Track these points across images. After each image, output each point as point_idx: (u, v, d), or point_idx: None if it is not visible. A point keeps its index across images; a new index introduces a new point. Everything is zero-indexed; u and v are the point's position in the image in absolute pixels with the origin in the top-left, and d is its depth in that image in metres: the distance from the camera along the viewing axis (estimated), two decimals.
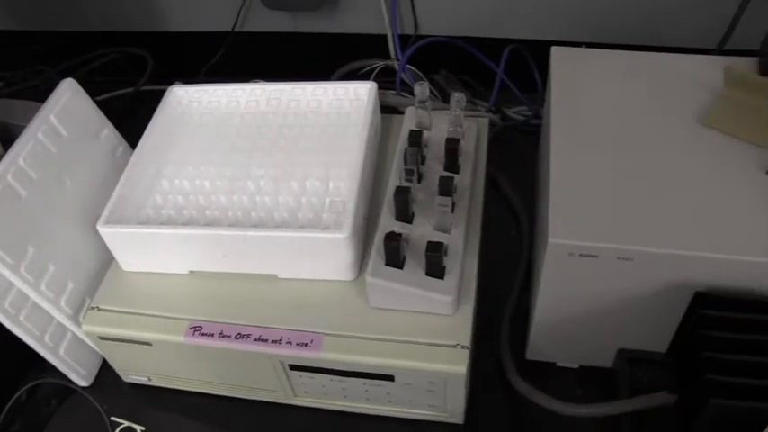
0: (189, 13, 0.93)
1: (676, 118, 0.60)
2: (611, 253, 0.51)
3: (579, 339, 0.61)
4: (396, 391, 0.58)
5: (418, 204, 0.58)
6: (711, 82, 0.63)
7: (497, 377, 0.63)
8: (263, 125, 0.67)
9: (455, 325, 0.55)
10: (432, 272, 0.54)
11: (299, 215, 0.60)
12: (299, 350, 0.56)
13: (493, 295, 0.68)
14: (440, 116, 0.64)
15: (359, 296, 0.57)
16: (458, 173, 0.61)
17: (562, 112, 0.60)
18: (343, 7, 0.87)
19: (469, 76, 0.88)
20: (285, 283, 0.60)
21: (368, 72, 0.88)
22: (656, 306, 0.55)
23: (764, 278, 0.51)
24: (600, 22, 0.82)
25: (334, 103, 0.68)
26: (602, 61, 0.65)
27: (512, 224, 0.76)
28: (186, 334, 0.57)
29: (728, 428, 0.48)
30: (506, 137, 0.84)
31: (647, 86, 0.63)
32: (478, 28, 0.86)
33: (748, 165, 0.56)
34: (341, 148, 0.63)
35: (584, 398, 0.58)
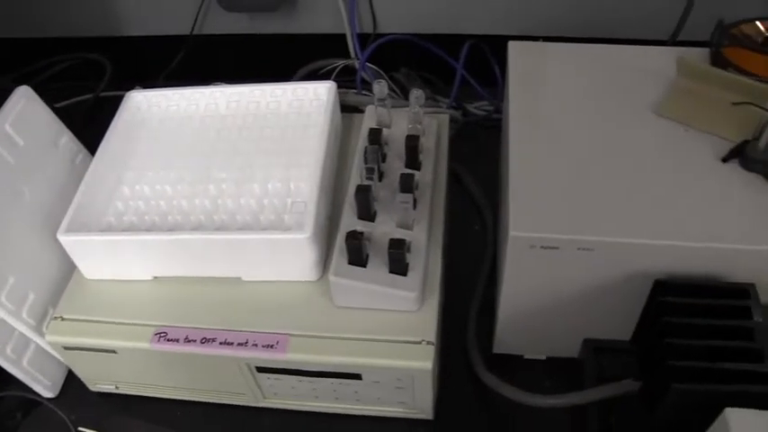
0: (147, 17, 0.92)
1: (632, 109, 0.61)
2: (572, 244, 0.51)
3: (545, 331, 0.61)
4: (364, 389, 0.58)
5: (380, 202, 0.58)
6: (665, 73, 0.63)
7: (466, 372, 0.64)
8: (223, 128, 0.67)
9: (420, 321, 0.55)
10: (395, 269, 0.54)
11: (262, 217, 0.59)
12: (264, 352, 0.55)
13: (460, 290, 0.69)
14: (400, 113, 0.64)
15: (323, 296, 0.57)
16: (419, 169, 0.61)
17: (520, 106, 0.61)
18: (301, 7, 0.87)
19: (430, 73, 0.88)
20: (249, 285, 0.59)
21: (328, 72, 0.88)
22: (618, 295, 0.55)
23: (720, 263, 0.52)
24: (556, 17, 0.83)
25: (294, 103, 0.68)
26: (558, 55, 0.66)
27: (476, 219, 0.76)
28: (151, 340, 0.57)
29: (691, 412, 0.48)
30: (469, 132, 0.84)
31: (603, 79, 0.64)
32: (437, 25, 0.86)
33: (703, 153, 0.57)
34: (301, 148, 0.63)
35: (552, 389, 0.58)
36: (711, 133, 0.58)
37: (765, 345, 0.49)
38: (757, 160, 0.55)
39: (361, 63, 0.83)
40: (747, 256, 0.51)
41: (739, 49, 0.62)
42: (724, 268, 0.52)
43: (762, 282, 0.52)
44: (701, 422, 0.46)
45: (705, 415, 0.46)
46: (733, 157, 0.56)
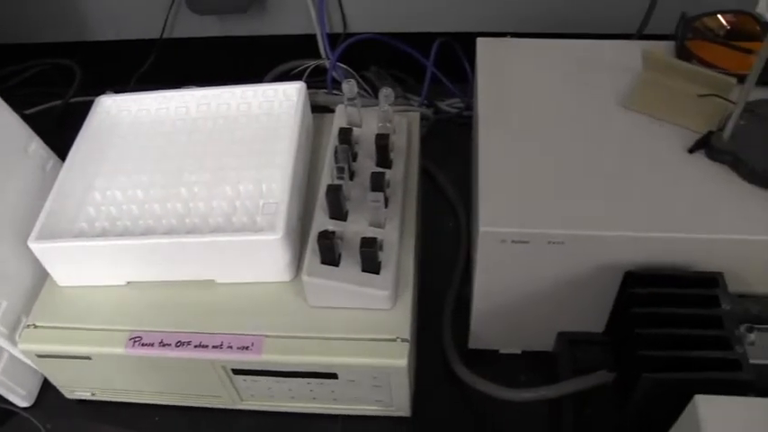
0: (116, 21, 0.92)
1: (600, 102, 0.61)
2: (542, 238, 0.52)
3: (519, 325, 0.62)
4: (340, 388, 0.58)
5: (352, 201, 0.58)
6: (632, 66, 0.64)
7: (443, 368, 0.64)
8: (194, 131, 0.67)
9: (394, 319, 0.55)
10: (367, 267, 0.54)
11: (234, 219, 0.59)
12: (240, 354, 0.55)
13: (435, 286, 0.69)
14: (370, 112, 0.64)
15: (297, 296, 0.57)
16: (390, 168, 0.61)
17: (489, 101, 0.61)
18: (270, 9, 0.87)
19: (401, 72, 0.89)
20: (223, 287, 0.59)
21: (300, 72, 0.88)
22: (590, 287, 0.56)
23: (689, 253, 0.53)
24: (524, 12, 0.84)
25: (264, 105, 0.68)
26: (526, 50, 0.66)
27: (450, 215, 0.77)
28: (126, 345, 0.57)
29: (663, 400, 0.49)
30: (441, 129, 0.85)
31: (571, 73, 0.64)
32: (407, 23, 0.86)
33: (670, 144, 0.58)
34: (273, 149, 0.63)
35: (528, 382, 0.59)
36: (678, 125, 0.59)
37: (733, 332, 0.50)
38: (723, 151, 0.56)
39: (332, 63, 0.83)
40: (715, 245, 0.52)
41: (703, 42, 0.63)
42: (692, 258, 0.53)
43: (729, 270, 0.53)
44: (673, 410, 0.47)
45: (677, 403, 0.46)
46: (699, 148, 0.57)
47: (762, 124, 0.57)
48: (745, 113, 0.57)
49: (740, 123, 0.56)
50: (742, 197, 0.54)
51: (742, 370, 0.47)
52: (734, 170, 0.55)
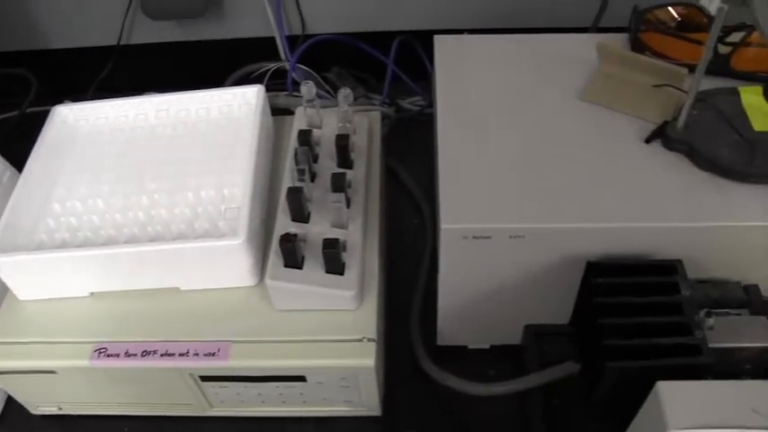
0: (71, 28, 0.90)
1: (558, 96, 0.62)
2: (503, 233, 0.52)
3: (486, 320, 0.62)
4: (309, 391, 0.58)
5: (314, 203, 0.58)
6: (588, 59, 0.65)
7: (412, 366, 0.64)
8: (153, 138, 0.66)
9: (360, 319, 0.55)
10: (331, 269, 0.54)
11: (196, 225, 0.59)
12: (207, 361, 0.55)
13: (402, 285, 0.69)
14: (330, 113, 0.64)
15: (263, 300, 0.57)
16: (351, 168, 0.61)
17: (447, 98, 0.62)
18: (228, 12, 0.86)
19: (362, 71, 0.89)
20: (188, 294, 0.59)
21: (260, 75, 0.87)
22: (553, 279, 0.56)
23: (649, 242, 0.53)
24: (480, 8, 0.84)
25: (224, 109, 0.67)
26: (483, 46, 0.67)
27: (415, 213, 0.77)
28: (91, 357, 0.56)
29: (628, 388, 0.49)
30: (404, 127, 0.85)
31: (529, 67, 0.65)
32: (366, 23, 0.86)
33: (627, 135, 0.59)
34: (233, 154, 0.63)
35: (498, 376, 0.59)
36: (634, 116, 0.60)
37: (693, 318, 0.50)
38: (677, 140, 0.57)
39: (292, 65, 0.83)
40: (674, 233, 0.53)
41: (655, 34, 0.64)
42: (652, 246, 0.54)
43: (688, 257, 0.54)
44: (639, 397, 0.47)
45: (642, 390, 0.47)
46: (655, 138, 0.58)
47: (713, 113, 0.58)
48: (697, 103, 0.58)
49: (693, 113, 0.57)
50: (698, 185, 0.55)
51: (702, 354, 0.48)
52: (689, 158, 0.56)
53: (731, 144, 0.56)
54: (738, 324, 0.53)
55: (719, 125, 0.58)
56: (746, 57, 0.61)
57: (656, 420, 0.44)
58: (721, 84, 0.61)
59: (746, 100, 0.59)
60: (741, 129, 0.57)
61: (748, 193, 0.54)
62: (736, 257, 0.55)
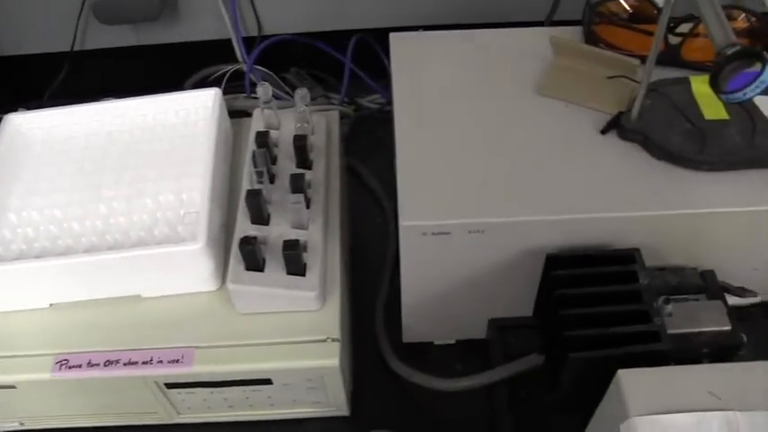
0: (23, 35, 0.88)
1: (514, 90, 0.62)
2: (463, 228, 0.52)
3: (450, 315, 0.62)
4: (276, 393, 0.58)
5: (274, 205, 0.58)
6: (544, 53, 0.65)
7: (379, 364, 0.64)
8: (109, 145, 0.66)
9: (323, 319, 0.55)
10: (292, 270, 0.54)
11: (156, 231, 0.58)
12: (171, 368, 0.54)
13: (367, 283, 0.69)
14: (287, 114, 0.64)
15: (225, 304, 0.57)
16: (310, 168, 0.61)
17: (404, 96, 0.62)
18: (184, 15, 0.85)
19: (321, 71, 0.88)
20: (150, 301, 0.58)
21: (218, 78, 0.87)
22: (515, 273, 0.57)
23: (607, 232, 0.54)
24: (436, 5, 0.84)
25: (181, 113, 0.67)
26: (439, 43, 0.67)
27: (378, 211, 0.77)
28: (53, 370, 0.55)
29: (592, 378, 0.50)
30: (364, 126, 0.85)
31: (484, 63, 0.65)
32: (323, 22, 0.86)
33: (583, 127, 0.59)
34: (191, 158, 0.62)
35: (464, 371, 0.59)
36: (590, 108, 0.61)
37: (652, 305, 0.51)
38: (632, 130, 0.57)
39: (249, 66, 0.82)
40: (631, 222, 0.54)
41: (608, 26, 0.65)
42: (610, 236, 0.55)
43: (645, 245, 0.54)
44: (602, 386, 0.48)
45: (605, 379, 0.47)
46: (611, 129, 0.59)
47: (666, 102, 0.59)
48: (650, 93, 0.59)
49: (647, 103, 0.58)
50: (653, 174, 0.55)
51: (661, 341, 0.49)
52: (644, 148, 0.57)
53: (683, 132, 0.57)
54: (696, 309, 0.53)
55: (672, 114, 0.59)
56: (695, 47, 0.62)
57: (618, 408, 0.44)
58: (673, 74, 0.62)
59: (697, 89, 0.60)
60: (692, 117, 0.58)
61: (701, 180, 0.55)
62: (692, 244, 0.56)
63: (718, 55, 0.45)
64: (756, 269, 0.59)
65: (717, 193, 0.54)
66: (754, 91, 0.44)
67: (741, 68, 0.44)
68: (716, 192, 0.54)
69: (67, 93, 0.88)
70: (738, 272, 0.58)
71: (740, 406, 0.42)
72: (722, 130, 0.57)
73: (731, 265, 0.58)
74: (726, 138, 0.56)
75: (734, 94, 0.46)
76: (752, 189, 0.54)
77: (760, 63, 0.44)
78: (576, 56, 0.63)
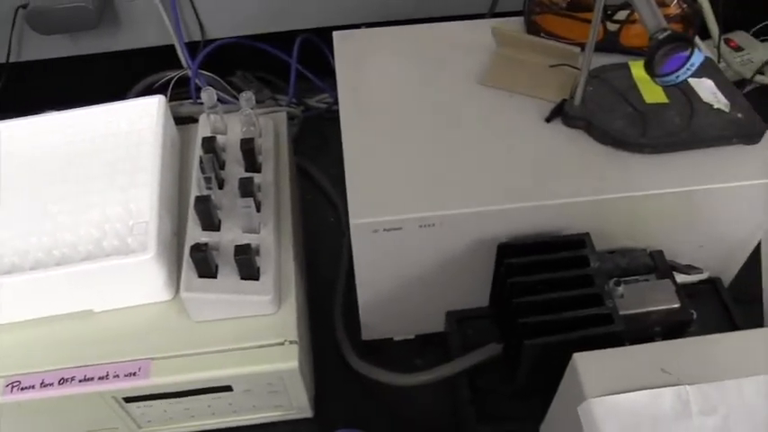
0: None
1: (458, 83, 0.63)
2: (413, 222, 0.53)
3: (407, 311, 0.62)
4: (237, 399, 0.57)
5: (224, 210, 0.57)
6: (487, 44, 0.66)
7: (341, 363, 0.64)
8: (53, 158, 0.64)
9: (280, 322, 0.55)
10: (246, 275, 0.54)
11: (105, 244, 0.57)
12: (128, 381, 0.54)
13: (324, 283, 0.69)
14: (234, 118, 0.63)
15: (180, 313, 0.56)
16: (259, 171, 0.60)
17: (349, 93, 0.62)
18: (124, 23, 0.84)
19: (268, 73, 0.88)
20: (103, 316, 0.57)
21: (164, 84, 0.85)
22: (469, 264, 0.57)
23: (556, 218, 0.55)
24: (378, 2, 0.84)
25: (125, 123, 0.66)
26: (382, 39, 0.67)
27: (331, 210, 0.77)
28: (4, 393, 0.54)
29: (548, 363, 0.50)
30: (314, 126, 0.85)
31: (428, 57, 0.65)
32: (266, 23, 0.85)
33: (529, 116, 0.60)
34: (137, 167, 0.61)
35: (425, 365, 0.59)
36: (534, 96, 0.61)
37: (603, 288, 0.52)
38: (576, 116, 0.58)
39: (193, 72, 0.82)
40: (579, 208, 0.54)
41: (549, 16, 0.66)
42: (560, 222, 0.55)
43: (595, 229, 0.55)
44: (560, 371, 0.48)
45: (562, 363, 0.48)
46: (555, 117, 0.59)
47: (607, 88, 0.60)
48: (592, 79, 0.60)
49: (589, 89, 0.59)
50: (598, 159, 0.56)
51: (614, 323, 0.50)
52: (588, 134, 0.58)
53: (625, 117, 0.58)
54: (646, 290, 0.54)
55: (614, 99, 0.60)
56: (633, 33, 0.63)
57: (575, 391, 0.45)
58: (614, 60, 0.63)
59: (637, 74, 0.61)
60: (633, 101, 0.59)
61: (644, 162, 0.56)
62: (640, 226, 0.57)
63: (651, 40, 0.46)
64: (702, 246, 0.60)
65: (659, 175, 0.55)
66: (686, 74, 0.46)
67: (673, 52, 0.45)
68: (659, 173, 0.55)
69: (6, 106, 0.86)
70: (686, 250, 0.60)
71: (690, 380, 0.43)
72: (662, 113, 0.58)
73: (678, 243, 0.59)
74: (666, 120, 0.58)
75: (667, 77, 0.47)
76: (692, 169, 0.55)
77: (689, 47, 0.45)
78: (517, 46, 0.64)
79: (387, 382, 0.60)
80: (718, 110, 0.58)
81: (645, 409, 0.43)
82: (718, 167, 0.56)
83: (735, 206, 0.57)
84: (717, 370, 0.44)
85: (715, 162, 0.56)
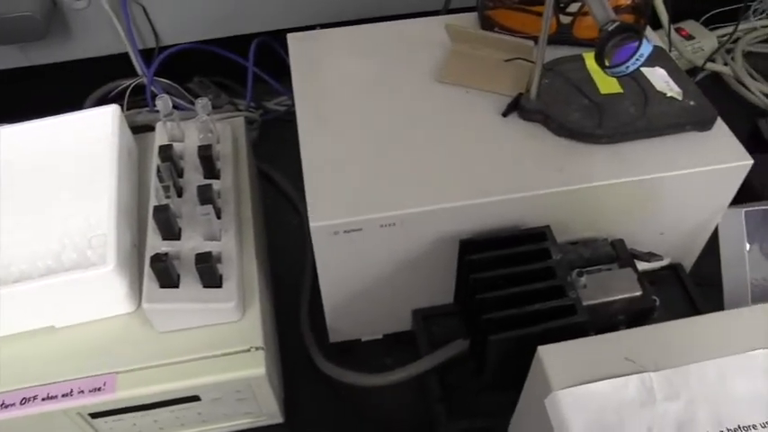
0: None
1: (415, 80, 0.63)
2: (373, 223, 0.52)
3: (374, 311, 0.62)
4: (206, 409, 0.57)
5: (184, 218, 0.57)
6: (442, 42, 0.66)
7: (310, 367, 0.64)
8: (7, 172, 0.63)
9: (245, 329, 0.55)
10: (208, 283, 0.53)
11: (64, 258, 0.56)
12: (93, 396, 0.53)
13: (290, 288, 0.69)
14: (191, 125, 0.63)
15: (144, 325, 0.55)
16: (218, 178, 0.60)
17: (305, 95, 0.62)
18: (75, 32, 0.82)
19: (225, 78, 0.87)
20: (65, 331, 0.56)
21: (120, 93, 0.84)
22: (432, 262, 0.57)
23: (517, 212, 0.55)
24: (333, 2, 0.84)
25: (80, 134, 0.64)
26: (337, 40, 0.67)
27: (294, 215, 0.77)
28: None
29: (514, 356, 0.51)
30: (274, 129, 0.85)
31: (384, 55, 0.65)
32: (220, 28, 0.85)
33: (486, 111, 0.60)
34: (94, 179, 0.61)
35: (394, 364, 0.59)
36: (490, 91, 0.61)
37: (566, 279, 0.52)
38: (532, 110, 0.59)
39: (149, 79, 0.80)
40: (539, 200, 0.55)
41: (502, 10, 0.66)
42: (520, 216, 0.56)
43: (555, 221, 0.56)
44: (527, 364, 0.49)
45: (529, 357, 0.48)
46: (512, 111, 0.60)
47: (563, 80, 0.61)
48: (548, 72, 0.61)
49: (544, 82, 0.59)
50: (556, 151, 0.57)
51: (577, 314, 0.50)
52: (545, 126, 0.58)
53: (581, 108, 0.58)
54: (609, 279, 0.55)
55: (569, 91, 0.60)
56: (586, 24, 0.63)
57: (541, 383, 0.45)
58: (568, 52, 0.64)
59: (591, 65, 0.62)
60: (589, 93, 0.60)
61: (601, 153, 0.56)
62: (600, 216, 0.58)
63: (600, 32, 0.46)
64: (662, 234, 0.61)
65: (617, 165, 0.56)
66: (636, 64, 0.46)
67: (622, 43, 0.46)
68: (616, 163, 0.56)
69: None
70: (646, 238, 0.60)
71: (654, 366, 0.44)
72: (617, 103, 0.59)
73: (639, 232, 0.60)
74: (621, 110, 0.58)
75: (618, 68, 0.47)
76: (649, 157, 0.56)
77: (639, 37, 0.45)
78: (472, 42, 0.64)
79: (356, 383, 0.59)
80: (672, 98, 0.59)
81: (610, 397, 0.43)
82: (674, 155, 0.56)
83: (691, 192, 0.58)
84: (679, 355, 0.45)
85: (670, 149, 0.57)
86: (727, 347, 0.45)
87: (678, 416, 0.43)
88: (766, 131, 0.82)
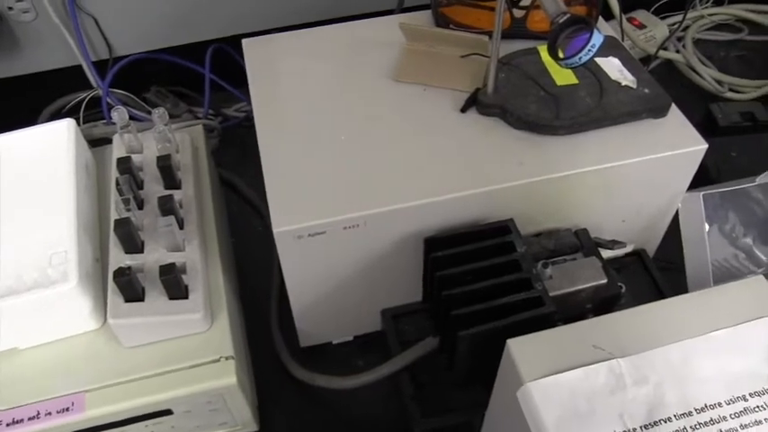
0: None
1: (371, 81, 0.63)
2: (336, 225, 0.52)
3: (343, 313, 0.62)
4: (180, 422, 0.56)
5: (146, 231, 0.56)
6: (397, 41, 0.66)
7: (282, 373, 0.63)
8: None
9: (214, 339, 0.54)
10: (174, 294, 0.52)
11: (24, 277, 0.55)
12: (61, 417, 0.52)
13: (258, 294, 0.68)
14: (149, 136, 0.62)
15: (111, 341, 0.54)
16: (179, 188, 0.59)
17: (263, 100, 0.61)
18: (25, 46, 0.81)
19: (183, 86, 0.86)
20: (29, 352, 0.55)
21: (76, 106, 0.83)
22: (398, 261, 0.57)
23: (480, 207, 0.56)
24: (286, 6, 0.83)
25: (35, 150, 0.63)
26: (293, 43, 0.67)
27: (258, 221, 0.76)
28: None
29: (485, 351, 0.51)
30: (235, 135, 0.84)
31: (339, 57, 0.65)
32: (174, 36, 0.84)
33: (444, 108, 0.60)
34: (53, 195, 0.59)
35: (367, 365, 0.59)
36: (448, 88, 0.62)
37: (532, 271, 0.53)
38: (490, 104, 0.59)
39: (104, 91, 0.79)
40: (501, 194, 0.55)
41: (456, 7, 0.66)
42: (483, 211, 0.56)
43: (519, 214, 0.56)
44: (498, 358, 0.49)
45: (499, 350, 0.48)
46: (470, 106, 0.60)
47: (519, 73, 0.61)
48: (504, 66, 0.61)
49: (501, 76, 0.60)
50: (515, 144, 0.57)
51: (544, 305, 0.51)
52: (504, 120, 0.59)
53: (538, 101, 0.59)
54: (574, 268, 0.56)
55: (526, 84, 0.61)
56: (540, 17, 0.64)
57: (512, 376, 0.45)
58: (523, 45, 0.64)
59: (546, 58, 0.62)
60: (545, 85, 0.60)
61: (560, 144, 0.57)
62: (562, 206, 0.58)
63: (552, 24, 0.46)
64: (624, 221, 0.62)
65: (576, 155, 0.56)
66: (588, 55, 0.47)
67: (574, 35, 0.46)
68: (575, 153, 0.56)
69: None
70: (609, 226, 0.61)
71: (622, 352, 0.44)
72: (573, 94, 0.59)
73: (601, 220, 0.60)
74: (577, 101, 0.59)
75: (570, 60, 0.48)
76: (605, 146, 0.57)
77: (590, 28, 0.46)
78: (427, 39, 0.64)
79: (329, 386, 0.59)
80: (626, 87, 0.60)
81: (581, 386, 0.44)
82: (631, 142, 0.57)
83: (650, 178, 0.59)
84: (646, 340, 0.45)
85: (627, 137, 0.58)
86: (691, 329, 0.45)
87: (648, 400, 0.43)
88: (719, 116, 0.83)
